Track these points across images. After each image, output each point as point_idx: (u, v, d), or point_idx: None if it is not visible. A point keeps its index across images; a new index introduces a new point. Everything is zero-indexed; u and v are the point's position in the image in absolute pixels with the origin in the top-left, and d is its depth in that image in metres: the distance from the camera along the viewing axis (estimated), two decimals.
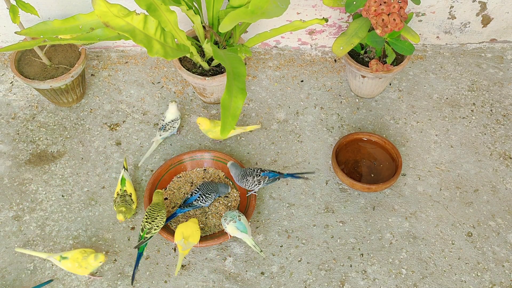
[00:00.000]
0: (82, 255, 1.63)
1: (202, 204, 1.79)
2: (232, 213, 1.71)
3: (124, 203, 1.74)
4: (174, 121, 1.99)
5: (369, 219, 1.86)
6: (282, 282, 1.71)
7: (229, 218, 1.70)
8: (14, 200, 1.90)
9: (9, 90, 2.23)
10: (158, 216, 1.69)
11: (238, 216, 1.69)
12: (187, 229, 1.68)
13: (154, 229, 1.67)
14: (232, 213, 1.71)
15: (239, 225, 1.67)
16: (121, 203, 1.74)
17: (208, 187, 1.81)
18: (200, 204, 1.79)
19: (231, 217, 1.69)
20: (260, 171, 1.80)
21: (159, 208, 1.72)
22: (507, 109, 2.19)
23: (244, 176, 1.79)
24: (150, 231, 1.67)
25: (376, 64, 1.96)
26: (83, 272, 1.63)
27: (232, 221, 1.68)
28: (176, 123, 2.00)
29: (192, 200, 1.79)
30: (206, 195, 1.79)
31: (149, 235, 1.67)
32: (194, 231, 1.68)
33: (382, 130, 2.11)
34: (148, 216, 1.69)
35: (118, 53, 2.38)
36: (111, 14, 1.54)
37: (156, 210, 1.71)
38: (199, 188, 1.81)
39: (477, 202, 1.91)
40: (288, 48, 2.42)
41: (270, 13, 1.71)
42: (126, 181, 1.81)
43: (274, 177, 1.81)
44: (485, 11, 2.28)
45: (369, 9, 1.80)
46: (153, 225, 1.67)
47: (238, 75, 1.59)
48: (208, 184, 1.82)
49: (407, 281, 1.72)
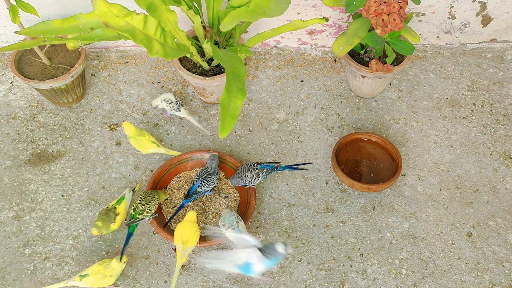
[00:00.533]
0: (102, 265, 1.62)
1: (206, 188, 1.81)
2: (230, 218, 1.70)
3: (104, 218, 1.67)
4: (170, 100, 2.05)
5: (369, 219, 1.86)
6: (282, 282, 1.71)
7: (227, 223, 1.68)
8: (14, 200, 1.90)
9: (9, 90, 2.23)
10: (152, 201, 1.72)
11: (236, 223, 1.68)
12: (186, 231, 1.67)
13: (147, 212, 1.70)
14: (230, 218, 1.70)
15: (237, 233, 1.67)
16: (101, 216, 1.68)
17: (206, 171, 1.83)
18: (204, 189, 1.81)
19: (229, 223, 1.68)
20: (257, 164, 1.82)
21: (154, 193, 1.75)
22: (507, 109, 2.19)
23: (242, 173, 1.79)
24: (143, 213, 1.69)
25: (376, 64, 1.96)
26: (108, 281, 1.62)
27: (231, 228, 1.67)
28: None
29: (195, 188, 1.80)
30: (207, 179, 1.81)
31: (140, 216, 1.69)
32: (193, 233, 1.67)
33: (382, 130, 2.11)
34: (142, 198, 1.72)
35: (118, 53, 2.38)
36: (111, 14, 1.54)
37: (151, 194, 1.74)
38: (199, 175, 1.83)
39: (477, 202, 1.91)
40: (288, 48, 2.42)
41: (271, 12, 1.70)
42: (123, 201, 1.74)
43: (271, 168, 1.83)
44: (485, 11, 2.28)
45: (369, 9, 1.80)
46: (146, 208, 1.70)
47: (237, 75, 1.59)
48: (205, 169, 1.85)
49: (407, 281, 1.72)
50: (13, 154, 2.02)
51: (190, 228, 1.68)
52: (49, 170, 1.98)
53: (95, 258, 1.76)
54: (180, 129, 2.11)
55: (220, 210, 1.85)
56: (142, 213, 1.69)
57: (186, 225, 1.69)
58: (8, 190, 1.92)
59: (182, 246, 1.64)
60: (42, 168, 1.98)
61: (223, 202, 1.88)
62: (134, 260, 1.75)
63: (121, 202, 1.73)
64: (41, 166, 1.99)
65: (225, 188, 1.92)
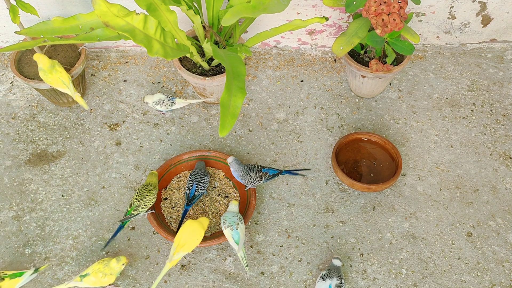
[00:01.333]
0: (102, 264, 1.62)
1: (202, 191, 1.82)
2: (232, 219, 1.69)
3: None
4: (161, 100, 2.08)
5: (369, 219, 1.86)
6: (282, 282, 1.71)
7: (228, 222, 1.68)
8: (14, 200, 1.90)
9: (9, 90, 2.23)
10: (147, 196, 1.73)
11: (236, 224, 1.68)
12: (190, 235, 1.63)
13: (142, 207, 1.71)
14: (232, 219, 1.69)
15: (234, 235, 1.67)
16: None
17: (198, 173, 1.85)
18: (201, 192, 1.82)
19: (229, 223, 1.68)
20: (261, 167, 1.83)
21: (150, 188, 1.75)
22: (507, 109, 2.19)
23: (247, 172, 1.80)
24: (137, 209, 1.71)
25: (376, 64, 1.96)
26: (109, 279, 1.61)
27: (230, 227, 1.67)
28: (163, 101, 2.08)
29: (193, 192, 1.81)
30: (201, 182, 1.83)
31: (135, 212, 1.71)
32: (195, 239, 1.63)
33: (382, 130, 2.11)
34: (138, 194, 1.73)
35: (118, 53, 2.38)
36: (111, 14, 1.54)
37: (147, 189, 1.74)
38: (191, 179, 1.84)
39: (477, 202, 1.91)
40: (288, 48, 2.42)
41: (272, 9, 1.70)
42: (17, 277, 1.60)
43: (273, 173, 1.85)
44: (485, 11, 2.28)
45: (369, 9, 1.80)
46: (141, 204, 1.71)
47: (237, 74, 1.59)
48: (195, 172, 1.86)
49: (407, 281, 1.72)
50: (13, 154, 2.02)
51: (196, 233, 1.64)
52: (49, 170, 1.98)
53: (95, 258, 1.76)
54: (180, 129, 2.11)
55: (220, 210, 1.85)
56: (137, 209, 1.71)
57: (196, 227, 1.64)
58: (8, 190, 1.92)
59: (174, 249, 1.62)
60: (42, 168, 1.98)
61: (223, 202, 1.88)
62: (134, 260, 1.75)
63: (15, 277, 1.61)
64: (41, 166, 1.99)
65: (225, 188, 1.92)
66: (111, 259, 1.63)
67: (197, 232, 1.64)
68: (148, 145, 2.05)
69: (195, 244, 1.64)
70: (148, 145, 2.05)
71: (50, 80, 1.84)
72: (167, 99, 2.06)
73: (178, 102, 2.07)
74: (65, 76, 1.85)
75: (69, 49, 2.13)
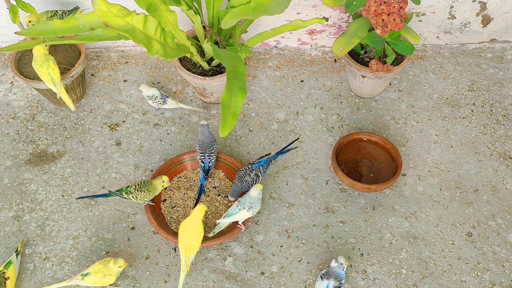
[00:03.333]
0: (102, 264, 1.62)
1: (214, 160, 1.86)
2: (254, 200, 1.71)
3: None
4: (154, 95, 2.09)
5: (369, 219, 1.86)
6: (282, 282, 1.71)
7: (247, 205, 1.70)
8: (14, 200, 1.90)
9: (9, 90, 2.23)
10: (143, 191, 1.73)
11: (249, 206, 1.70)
12: (189, 237, 1.61)
13: (132, 196, 1.72)
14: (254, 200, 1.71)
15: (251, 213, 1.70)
16: None
17: (206, 144, 1.85)
18: (213, 162, 1.87)
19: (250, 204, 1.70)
20: (251, 165, 1.81)
21: (149, 186, 1.75)
22: (507, 109, 2.19)
23: (241, 180, 1.79)
24: (128, 196, 1.72)
25: (376, 64, 1.96)
26: (109, 280, 1.61)
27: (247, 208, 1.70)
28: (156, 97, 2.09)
29: (207, 165, 1.85)
30: (212, 152, 1.85)
31: (126, 195, 1.72)
32: (197, 236, 1.61)
33: (382, 130, 2.11)
34: (139, 184, 1.74)
35: (118, 53, 2.38)
36: (111, 14, 1.54)
37: (147, 186, 1.74)
38: (202, 151, 1.85)
39: (477, 202, 1.91)
40: (288, 48, 2.42)
41: (272, 10, 1.70)
42: (11, 266, 1.65)
43: (266, 162, 1.85)
44: (485, 11, 2.28)
45: (369, 9, 1.80)
46: (135, 193, 1.72)
47: (238, 74, 1.59)
48: (203, 143, 1.86)
49: (407, 281, 1.72)
50: (13, 154, 2.02)
51: (194, 231, 1.62)
52: (49, 170, 1.98)
53: (95, 258, 1.76)
54: (180, 129, 2.11)
55: (220, 210, 1.85)
56: (128, 196, 1.72)
57: (191, 227, 1.62)
58: (8, 190, 1.92)
59: (184, 257, 1.60)
60: (42, 168, 1.98)
61: (223, 202, 1.88)
62: (134, 260, 1.75)
63: (9, 266, 1.65)
64: (41, 166, 1.99)
65: (225, 188, 1.92)
66: (112, 259, 1.63)
67: (195, 230, 1.61)
68: (148, 145, 2.05)
69: (200, 240, 1.62)
70: (148, 145, 2.05)
71: (40, 73, 1.86)
72: (160, 96, 2.06)
73: (169, 103, 2.07)
74: (56, 74, 1.86)
75: (69, 49, 2.13)
